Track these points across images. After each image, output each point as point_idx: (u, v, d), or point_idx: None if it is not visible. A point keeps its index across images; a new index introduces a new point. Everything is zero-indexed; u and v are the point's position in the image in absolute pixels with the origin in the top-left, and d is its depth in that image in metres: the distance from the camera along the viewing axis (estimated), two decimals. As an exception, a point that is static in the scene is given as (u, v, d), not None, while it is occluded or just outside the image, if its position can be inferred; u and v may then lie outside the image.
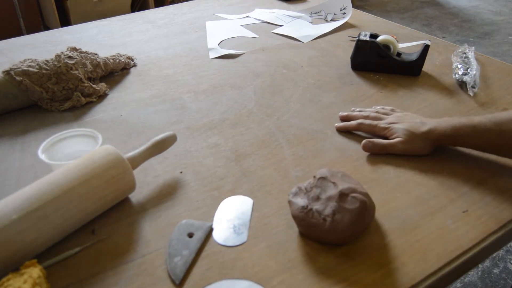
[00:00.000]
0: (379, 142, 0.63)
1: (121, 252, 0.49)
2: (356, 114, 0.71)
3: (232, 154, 0.64)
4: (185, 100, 0.79)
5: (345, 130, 0.69)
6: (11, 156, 0.65)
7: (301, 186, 0.53)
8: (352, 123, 0.68)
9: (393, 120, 0.66)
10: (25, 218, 0.44)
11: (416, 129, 0.62)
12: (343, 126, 0.69)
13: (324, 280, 0.45)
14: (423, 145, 0.62)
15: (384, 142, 0.63)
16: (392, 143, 0.63)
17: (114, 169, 0.51)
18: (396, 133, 0.63)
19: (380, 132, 0.66)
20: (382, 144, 0.63)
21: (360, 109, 0.73)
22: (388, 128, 0.65)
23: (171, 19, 1.20)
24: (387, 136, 0.65)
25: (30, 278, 0.41)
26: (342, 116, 0.72)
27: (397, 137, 0.63)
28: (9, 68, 0.73)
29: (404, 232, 0.51)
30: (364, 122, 0.67)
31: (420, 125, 0.63)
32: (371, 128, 0.67)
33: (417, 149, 0.62)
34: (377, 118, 0.68)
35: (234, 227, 0.51)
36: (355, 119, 0.69)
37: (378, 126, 0.66)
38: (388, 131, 0.65)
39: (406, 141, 0.62)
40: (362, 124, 0.67)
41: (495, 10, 3.52)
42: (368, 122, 0.67)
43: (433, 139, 0.61)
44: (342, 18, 1.16)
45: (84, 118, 0.74)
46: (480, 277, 1.32)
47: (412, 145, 0.62)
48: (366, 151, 0.64)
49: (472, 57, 0.90)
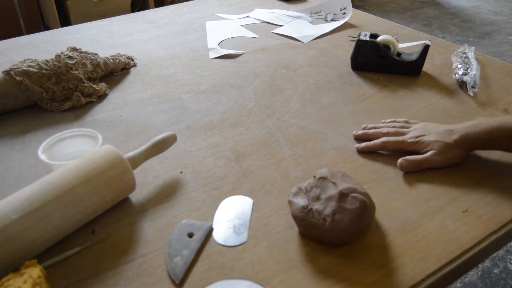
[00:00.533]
0: (414, 159, 0.60)
1: (121, 252, 0.49)
2: (373, 132, 0.67)
3: (232, 154, 0.64)
4: (185, 100, 0.79)
5: (368, 150, 0.64)
6: (11, 156, 0.65)
7: (301, 186, 0.53)
8: (376, 142, 0.64)
9: (419, 134, 0.63)
10: (25, 218, 0.44)
11: (448, 138, 0.60)
12: (365, 147, 0.64)
13: (324, 280, 0.45)
14: (457, 154, 0.60)
15: (419, 157, 0.60)
16: (427, 157, 0.60)
17: (114, 169, 0.51)
18: (428, 146, 0.61)
19: (409, 148, 0.62)
20: (418, 161, 0.60)
21: (373, 126, 0.69)
22: (417, 143, 0.62)
23: (171, 19, 1.20)
24: (418, 151, 0.62)
25: (30, 278, 0.41)
26: (357, 135, 0.68)
27: (431, 150, 0.60)
28: (9, 68, 0.73)
29: (404, 232, 0.51)
30: (389, 140, 0.63)
31: (450, 133, 0.61)
32: (398, 145, 0.63)
33: (452, 158, 0.60)
34: (398, 133, 0.65)
35: (234, 227, 0.51)
36: (374, 137, 0.66)
37: (405, 141, 0.62)
38: (419, 145, 0.61)
39: (440, 152, 0.59)
40: (387, 142, 0.63)
41: (495, 10, 3.52)
42: (393, 140, 0.63)
43: (467, 146, 0.60)
44: (342, 18, 1.16)
45: (84, 118, 0.74)
46: (480, 277, 1.32)
47: (447, 155, 0.60)
48: (402, 170, 0.60)
49: (472, 57, 0.90)
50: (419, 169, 0.60)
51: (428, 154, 0.60)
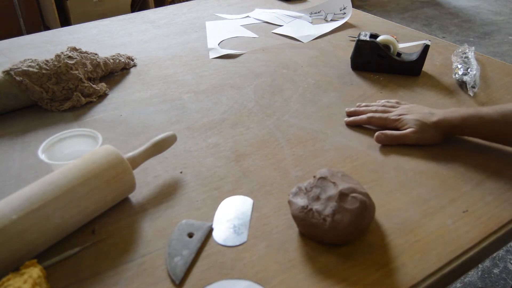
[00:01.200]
0: (391, 133, 0.65)
1: (121, 252, 0.49)
2: (364, 109, 0.72)
3: (232, 154, 0.64)
4: (185, 100, 0.79)
5: (354, 124, 0.70)
6: (11, 156, 0.65)
7: (301, 186, 0.53)
8: (362, 117, 0.70)
9: (402, 112, 0.68)
10: (25, 218, 0.44)
11: (426, 119, 0.64)
12: (353, 121, 0.70)
13: (324, 280, 0.45)
14: (433, 135, 0.64)
15: (397, 133, 0.65)
16: (404, 133, 0.65)
17: (114, 169, 0.51)
18: (407, 124, 0.65)
19: (391, 124, 0.67)
20: (395, 135, 0.65)
21: (366, 104, 0.74)
22: (399, 120, 0.67)
23: (171, 19, 1.20)
24: (399, 128, 0.66)
25: (30, 278, 0.41)
26: (349, 111, 0.73)
27: (409, 128, 0.65)
28: (9, 68, 0.73)
29: (404, 232, 0.51)
30: (374, 115, 0.69)
31: (430, 116, 0.65)
32: (382, 120, 0.68)
33: (428, 138, 0.64)
34: (385, 111, 0.70)
35: (234, 227, 0.51)
36: (363, 114, 0.71)
37: (388, 118, 0.67)
38: (399, 122, 0.66)
39: (418, 130, 0.64)
40: (372, 117, 0.69)
41: (495, 10, 3.52)
42: (378, 115, 0.68)
43: (442, 129, 0.64)
44: (342, 18, 1.16)
45: (84, 118, 0.74)
46: (480, 277, 1.32)
47: (423, 134, 0.64)
48: (379, 143, 0.65)
49: (472, 57, 0.90)
50: (395, 144, 0.65)
51: (406, 131, 0.65)
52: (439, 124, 0.63)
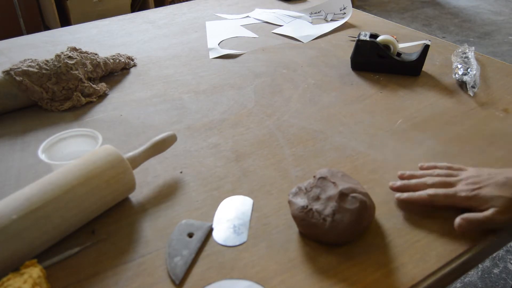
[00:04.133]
0: (475, 218, 0.50)
1: (121, 252, 0.49)
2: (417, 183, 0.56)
3: (232, 154, 0.64)
4: (185, 100, 0.79)
5: (410, 202, 0.55)
6: (11, 156, 0.65)
7: (301, 186, 0.53)
8: (422, 194, 0.54)
9: (474, 186, 0.53)
10: (25, 218, 0.44)
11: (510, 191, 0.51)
12: (409, 198, 0.55)
13: (324, 280, 0.45)
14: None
15: (481, 216, 0.50)
16: (489, 217, 0.50)
17: (114, 169, 0.51)
18: (487, 203, 0.51)
19: (463, 203, 0.52)
20: (479, 220, 0.50)
21: (411, 174, 0.59)
22: (474, 198, 0.52)
23: (171, 19, 1.20)
24: (474, 207, 0.52)
25: (30, 278, 0.41)
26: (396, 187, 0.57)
27: (491, 207, 0.51)
28: (9, 68, 0.73)
29: (404, 232, 0.51)
30: (437, 193, 0.53)
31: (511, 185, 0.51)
32: (449, 199, 0.53)
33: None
34: (446, 184, 0.55)
35: (234, 227, 0.51)
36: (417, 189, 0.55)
37: (458, 195, 0.52)
38: (475, 201, 0.52)
39: (504, 210, 0.50)
40: (435, 196, 0.53)
41: (495, 10, 3.52)
42: (442, 193, 0.53)
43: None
44: (342, 18, 1.16)
45: (84, 118, 0.74)
46: (480, 277, 1.32)
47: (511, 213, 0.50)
48: (461, 231, 0.51)
49: (472, 57, 0.90)
50: (479, 229, 0.51)
51: (489, 212, 0.50)
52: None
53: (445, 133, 0.69)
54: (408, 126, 0.71)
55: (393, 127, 0.70)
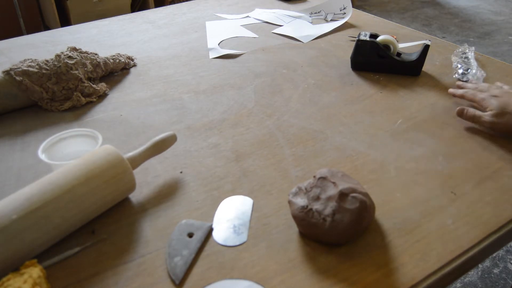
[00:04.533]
0: (472, 111, 0.67)
1: (121, 252, 0.49)
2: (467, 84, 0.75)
3: (232, 154, 0.64)
4: (185, 100, 0.79)
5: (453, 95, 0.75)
6: (11, 156, 0.65)
7: (301, 186, 0.53)
8: (459, 91, 0.73)
9: (493, 94, 0.67)
10: (25, 218, 0.44)
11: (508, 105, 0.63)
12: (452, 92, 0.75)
13: (324, 280, 0.45)
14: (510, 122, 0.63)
15: (476, 112, 0.66)
16: (481, 114, 0.65)
17: (114, 169, 0.51)
18: (490, 106, 0.65)
19: (479, 103, 0.68)
20: (472, 114, 0.67)
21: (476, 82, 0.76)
22: (485, 100, 0.67)
23: (171, 19, 1.20)
24: (483, 108, 0.67)
25: (30, 278, 0.41)
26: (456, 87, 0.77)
27: (490, 110, 0.65)
28: (9, 68, 0.73)
29: (404, 232, 0.51)
30: (468, 92, 0.71)
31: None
32: (472, 97, 0.70)
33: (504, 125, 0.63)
34: (483, 91, 0.70)
35: (234, 227, 0.51)
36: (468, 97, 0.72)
37: (476, 96, 0.69)
38: (485, 103, 0.67)
39: (495, 114, 0.64)
40: (466, 93, 0.71)
41: (495, 10, 3.52)
42: (471, 92, 0.70)
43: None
44: (342, 18, 1.16)
45: (84, 118, 0.74)
46: (480, 277, 1.32)
47: (500, 119, 0.63)
48: (458, 116, 0.69)
49: (472, 57, 0.90)
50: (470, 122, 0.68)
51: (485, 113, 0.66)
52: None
53: (445, 133, 0.69)
54: (408, 126, 0.71)
55: (393, 127, 0.71)
